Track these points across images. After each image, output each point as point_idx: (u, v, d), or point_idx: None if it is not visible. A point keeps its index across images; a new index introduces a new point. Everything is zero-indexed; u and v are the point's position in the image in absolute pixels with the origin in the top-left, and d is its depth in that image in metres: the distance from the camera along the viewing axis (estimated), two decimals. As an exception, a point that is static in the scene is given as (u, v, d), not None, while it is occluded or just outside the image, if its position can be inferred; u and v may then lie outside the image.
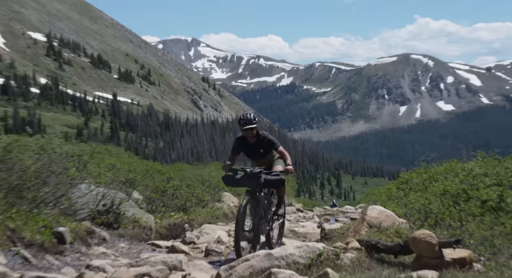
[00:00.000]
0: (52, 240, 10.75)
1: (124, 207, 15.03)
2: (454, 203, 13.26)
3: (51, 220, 11.53)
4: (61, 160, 14.14)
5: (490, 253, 9.12)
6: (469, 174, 15.59)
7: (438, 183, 16.31)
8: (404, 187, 19.55)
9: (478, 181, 14.32)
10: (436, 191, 15.16)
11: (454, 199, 13.58)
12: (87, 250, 11.62)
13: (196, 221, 18.05)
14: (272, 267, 7.68)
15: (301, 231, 16.22)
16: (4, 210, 10.51)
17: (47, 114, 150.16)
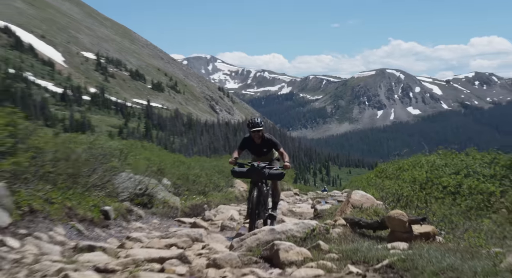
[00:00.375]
0: (100, 216, 11.06)
1: (156, 191, 15.19)
2: (421, 188, 13.30)
3: (99, 201, 11.84)
4: (107, 154, 14.28)
5: (449, 228, 9.30)
6: (432, 165, 15.64)
7: (408, 172, 16.37)
8: (381, 175, 19.75)
9: (440, 171, 14.34)
10: (406, 178, 15.23)
11: (421, 185, 13.61)
12: (127, 224, 11.86)
13: (213, 202, 18.15)
14: (274, 239, 7.71)
15: (298, 211, 16.35)
16: (63, 192, 10.83)
17: (95, 116, 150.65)
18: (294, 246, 7.23)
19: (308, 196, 28.27)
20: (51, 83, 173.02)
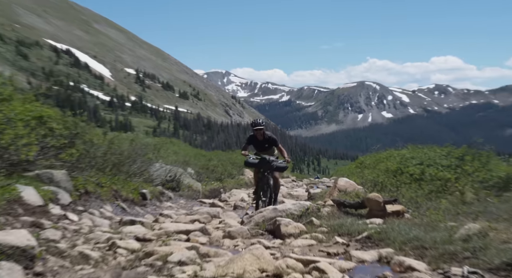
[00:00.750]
0: (139, 197, 11.22)
1: (182, 178, 15.27)
2: (393, 176, 13.29)
3: (138, 185, 11.96)
4: (144, 148, 14.32)
5: (415, 207, 9.23)
6: (402, 157, 15.63)
7: (383, 163, 16.37)
8: (361, 165, 19.72)
9: (408, 162, 14.34)
10: (381, 168, 15.21)
11: (393, 173, 13.60)
12: (160, 204, 11.92)
13: (227, 187, 18.15)
14: (277, 216, 7.68)
15: (295, 194, 16.36)
16: (110, 178, 11.06)
17: (135, 119, 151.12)
18: (292, 222, 7.25)
19: (303, 182, 28.18)
20: (101, 93, 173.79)
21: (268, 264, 4.47)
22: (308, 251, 5.98)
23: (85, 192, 9.27)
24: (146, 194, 11.54)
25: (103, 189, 9.92)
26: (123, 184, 11.24)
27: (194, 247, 5.73)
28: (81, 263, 5.12)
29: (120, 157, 12.68)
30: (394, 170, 14.09)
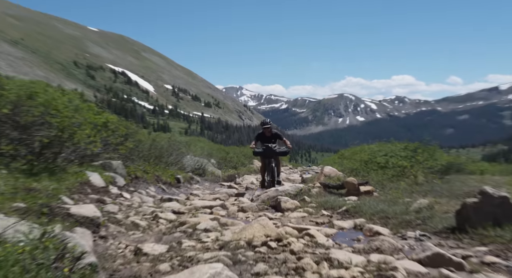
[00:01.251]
0: (174, 181, 10.99)
1: (206, 166, 15.25)
2: (365, 164, 13.24)
3: (174, 172, 11.78)
4: (178, 144, 14.40)
5: (381, 187, 9.10)
6: (372, 150, 15.63)
7: (358, 155, 16.37)
8: (341, 157, 19.63)
9: (376, 154, 14.31)
10: (356, 158, 15.16)
11: (365, 162, 13.57)
12: (190, 186, 11.76)
13: (240, 173, 18.01)
14: (278, 195, 7.63)
15: (292, 178, 16.14)
16: (153, 166, 11.03)
17: (172, 122, 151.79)
18: (290, 199, 7.21)
19: (297, 169, 28.11)
20: (147, 103, 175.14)
21: (271, 231, 4.45)
22: (301, 221, 5.95)
23: (135, 177, 9.30)
24: (180, 178, 11.41)
25: (148, 175, 9.91)
26: (163, 171, 11.17)
27: (216, 218, 5.74)
28: (133, 229, 5.16)
29: (160, 150, 12.75)
30: (366, 160, 14.07)
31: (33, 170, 6.44)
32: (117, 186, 8.03)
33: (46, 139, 6.43)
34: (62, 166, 7.25)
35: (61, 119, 6.59)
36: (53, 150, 7.01)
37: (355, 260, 3.49)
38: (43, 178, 6.16)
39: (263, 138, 11.14)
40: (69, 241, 2.52)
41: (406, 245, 4.35)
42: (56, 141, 6.82)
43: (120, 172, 8.87)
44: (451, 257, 3.53)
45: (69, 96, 9.27)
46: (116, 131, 9.53)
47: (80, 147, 7.76)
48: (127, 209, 6.46)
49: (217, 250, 4.00)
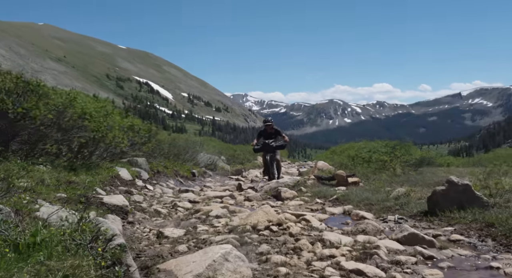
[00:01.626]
0: (190, 175, 10.87)
1: (217, 162, 15.14)
2: (352, 159, 13.16)
3: (189, 167, 11.70)
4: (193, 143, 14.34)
5: (366, 179, 9.04)
6: (358, 147, 15.55)
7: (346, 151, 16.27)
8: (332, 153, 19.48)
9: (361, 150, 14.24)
10: (345, 154, 15.05)
11: (352, 158, 13.50)
12: (203, 179, 11.65)
13: (246, 168, 17.88)
14: (278, 186, 7.56)
15: (290, 172, 15.95)
16: (173, 162, 10.97)
17: (187, 125, 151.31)
18: (288, 190, 7.14)
19: (295, 164, 28.01)
20: (166, 109, 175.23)
21: (273, 217, 4.41)
22: (298, 208, 5.89)
23: (157, 171, 9.26)
24: (195, 172, 11.31)
25: (168, 170, 9.87)
26: (180, 166, 11.07)
27: (225, 206, 5.69)
28: (155, 216, 5.14)
29: (178, 149, 12.68)
30: (353, 155, 14.01)
31: (73, 166, 6.46)
32: (142, 179, 8.03)
33: (83, 139, 6.45)
34: (96, 162, 7.27)
35: (96, 123, 6.61)
36: (89, 149, 7.04)
37: (344, 241, 3.48)
38: (81, 172, 6.18)
39: (265, 134, 10.47)
40: (102, 225, 2.52)
41: (387, 227, 4.34)
42: (91, 141, 6.85)
43: (144, 167, 8.86)
44: (424, 236, 3.55)
45: (101, 103, 9.31)
46: (139, 132, 9.54)
47: (111, 146, 7.77)
48: (150, 199, 6.47)
49: (227, 233, 3.97)
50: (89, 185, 5.57)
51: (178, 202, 6.11)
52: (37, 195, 4.16)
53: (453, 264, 3.00)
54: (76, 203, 4.39)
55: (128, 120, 9.33)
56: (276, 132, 10.40)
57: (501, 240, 3.59)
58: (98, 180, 6.15)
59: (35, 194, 4.14)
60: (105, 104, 9.97)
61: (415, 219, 4.74)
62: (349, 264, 2.82)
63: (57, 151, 6.39)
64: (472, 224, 4.13)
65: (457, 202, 4.52)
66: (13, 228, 2.04)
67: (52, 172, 5.58)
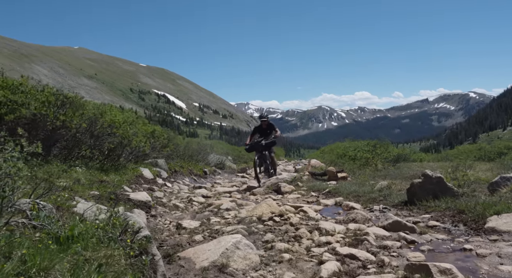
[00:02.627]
0: (202, 173, 10.75)
1: (225, 161, 14.97)
2: (340, 157, 13.05)
3: (202, 166, 11.54)
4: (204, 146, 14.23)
5: (352, 174, 8.89)
6: (345, 147, 15.43)
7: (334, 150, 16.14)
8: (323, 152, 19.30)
9: (348, 149, 14.12)
10: (334, 153, 14.93)
11: (340, 156, 13.39)
12: (214, 177, 11.48)
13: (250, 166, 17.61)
14: (278, 182, 7.48)
15: (287, 169, 15.59)
16: (188, 162, 10.82)
17: (199, 130, 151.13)
18: (287, 185, 7.03)
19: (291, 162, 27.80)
20: (181, 117, 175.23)
21: (275, 209, 4.34)
22: (296, 200, 5.81)
23: (174, 170, 9.14)
24: (207, 171, 11.16)
25: (183, 169, 9.74)
26: (194, 166, 10.92)
27: (234, 200, 5.60)
28: (174, 210, 5.06)
29: (192, 151, 12.55)
30: (340, 153, 13.89)
31: (104, 167, 6.40)
32: (161, 178, 7.94)
33: (112, 144, 6.40)
34: (123, 164, 7.20)
35: (122, 131, 6.56)
36: (117, 152, 6.98)
37: (338, 229, 3.40)
38: (110, 173, 6.12)
39: (261, 130, 9.19)
40: (130, 219, 2.46)
41: (373, 216, 4.25)
42: (119, 146, 6.80)
43: (164, 167, 8.78)
44: (406, 223, 3.47)
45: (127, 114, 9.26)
46: (160, 137, 9.47)
47: (136, 150, 7.72)
48: (169, 195, 6.38)
49: (236, 224, 3.89)
50: (118, 183, 5.51)
51: (193, 197, 6.03)
52: (74, 193, 4.10)
53: (432, 247, 2.94)
54: (107, 199, 4.33)
55: (150, 127, 9.28)
56: (270, 127, 9.19)
57: (471, 225, 3.52)
58: (125, 179, 6.08)
59: (72, 192, 4.08)
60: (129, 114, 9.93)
61: (397, 208, 4.65)
62: (343, 249, 2.75)
63: (91, 155, 6.36)
64: (446, 211, 4.05)
65: (432, 192, 4.45)
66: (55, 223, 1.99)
67: (86, 173, 5.52)
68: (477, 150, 18.44)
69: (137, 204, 4.52)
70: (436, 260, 2.63)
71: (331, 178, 7.84)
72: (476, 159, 15.82)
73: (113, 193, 4.58)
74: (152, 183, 7.05)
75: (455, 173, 7.44)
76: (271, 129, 9.07)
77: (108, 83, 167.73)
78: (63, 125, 5.07)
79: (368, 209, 4.76)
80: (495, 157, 15.58)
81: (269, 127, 9.09)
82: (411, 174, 8.84)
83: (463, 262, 2.58)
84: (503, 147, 17.67)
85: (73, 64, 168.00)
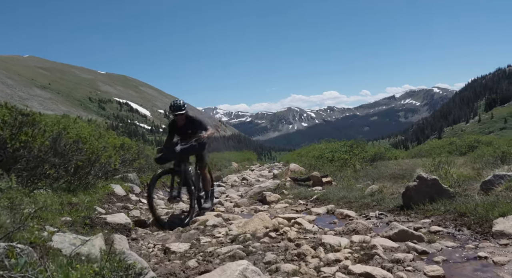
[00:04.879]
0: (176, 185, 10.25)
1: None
2: (317, 159, 13.02)
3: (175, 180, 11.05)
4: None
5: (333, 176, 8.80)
6: (320, 149, 15.44)
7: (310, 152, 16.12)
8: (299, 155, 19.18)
9: (324, 151, 14.14)
10: (310, 155, 14.89)
11: (317, 158, 13.35)
12: None
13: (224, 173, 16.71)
14: (262, 191, 7.21)
15: (264, 174, 15.06)
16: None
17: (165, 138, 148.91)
18: (272, 193, 6.79)
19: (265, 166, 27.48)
20: (146, 125, 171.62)
21: (268, 223, 4.13)
22: (285, 210, 5.60)
23: (146, 184, 8.78)
24: (181, 182, 10.76)
25: (157, 182, 9.40)
26: (167, 178, 10.48)
27: (219, 214, 5.29)
28: (156, 230, 4.75)
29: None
30: (317, 156, 13.85)
31: (71, 187, 5.97)
32: (134, 193, 7.57)
33: (80, 161, 5.99)
34: (92, 182, 6.77)
35: (90, 145, 6.16)
36: (85, 169, 6.55)
37: (343, 243, 3.20)
38: (79, 193, 5.71)
39: (177, 129, 5.71)
40: (128, 259, 2.19)
41: (372, 224, 4.13)
42: (87, 162, 6.38)
43: (136, 182, 8.39)
44: (413, 232, 3.36)
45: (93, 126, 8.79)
46: (129, 150, 9.04)
47: (105, 165, 7.31)
48: (146, 212, 6.01)
49: (230, 243, 3.64)
50: (89, 204, 5.13)
51: (173, 213, 5.72)
52: (44, 221, 3.72)
53: (446, 257, 2.83)
54: (81, 225, 3.97)
55: (119, 140, 8.85)
56: (193, 125, 5.58)
57: (476, 228, 3.47)
58: (96, 199, 5.70)
59: (42, 220, 3.71)
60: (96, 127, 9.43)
61: (393, 213, 4.56)
62: (356, 267, 2.58)
63: (56, 174, 5.92)
64: (446, 214, 4.00)
65: (428, 195, 4.42)
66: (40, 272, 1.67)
67: (52, 196, 5.10)
68: (448, 145, 19.07)
69: (115, 228, 4.19)
70: (454, 272, 2.54)
71: (316, 183, 7.69)
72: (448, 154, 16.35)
73: (87, 217, 4.22)
74: (125, 200, 6.69)
75: (438, 171, 7.56)
76: (195, 127, 5.57)
77: (64, 93, 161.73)
78: (25, 145, 4.65)
79: (364, 216, 4.65)
80: (466, 150, 16.17)
81: (191, 124, 5.57)
82: (389, 173, 8.91)
83: (483, 273, 2.49)
84: (473, 140, 18.36)
85: (23, 74, 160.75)
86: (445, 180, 5.55)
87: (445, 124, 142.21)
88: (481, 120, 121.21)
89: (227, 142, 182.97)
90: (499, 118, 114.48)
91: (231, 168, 20.62)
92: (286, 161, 22.21)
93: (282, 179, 9.21)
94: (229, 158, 23.61)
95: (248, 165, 22.87)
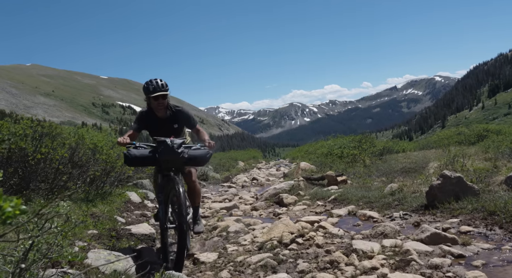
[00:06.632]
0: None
1: (208, 172, 14.36)
2: (326, 156, 12.94)
3: None
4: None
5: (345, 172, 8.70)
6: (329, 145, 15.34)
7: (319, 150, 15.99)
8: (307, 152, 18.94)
9: (333, 147, 14.04)
10: (318, 153, 14.79)
11: (325, 155, 13.27)
12: None
13: (233, 174, 16.87)
14: (277, 193, 7.12)
15: (273, 173, 15.02)
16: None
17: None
18: (289, 195, 6.66)
19: (271, 164, 27.29)
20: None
21: (293, 228, 4.08)
22: (304, 212, 5.52)
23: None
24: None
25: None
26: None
27: (238, 219, 5.22)
28: (178, 238, 4.71)
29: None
30: (325, 153, 13.76)
31: (89, 197, 5.97)
32: (149, 199, 7.54)
33: (97, 172, 5.98)
34: (109, 191, 6.77)
35: (107, 156, 6.14)
36: (101, 179, 6.55)
37: (375, 248, 3.10)
38: (97, 202, 5.71)
39: (153, 123, 3.70)
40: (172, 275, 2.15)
41: (398, 226, 4.03)
42: (103, 172, 6.37)
43: (149, 188, 8.39)
44: (447, 235, 3.25)
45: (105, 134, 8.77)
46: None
47: (119, 173, 7.30)
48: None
49: (257, 251, 3.57)
50: (109, 214, 5.14)
51: (192, 219, 5.67)
52: (72, 235, 3.71)
53: (484, 261, 2.75)
54: (108, 237, 3.96)
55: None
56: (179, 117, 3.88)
57: (509, 227, 3.36)
58: (115, 208, 5.70)
59: (69, 234, 3.69)
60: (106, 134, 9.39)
61: (418, 213, 4.44)
62: (396, 275, 2.51)
63: (74, 186, 5.92)
64: (474, 213, 3.89)
65: (453, 193, 4.34)
66: None
67: (73, 207, 5.10)
68: (457, 135, 18.91)
69: (140, 239, 4.16)
70: (497, 277, 2.48)
71: (331, 183, 7.55)
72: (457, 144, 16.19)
73: (112, 229, 4.20)
74: (142, 207, 6.66)
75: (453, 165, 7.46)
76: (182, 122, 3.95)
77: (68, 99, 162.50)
78: (46, 158, 4.63)
79: (388, 216, 4.54)
80: (475, 140, 16.01)
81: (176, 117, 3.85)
82: (399, 167, 8.80)
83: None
84: (481, 129, 18.19)
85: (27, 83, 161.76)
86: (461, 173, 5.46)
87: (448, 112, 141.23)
88: (484, 107, 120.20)
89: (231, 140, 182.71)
90: (503, 104, 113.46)
91: (238, 167, 20.55)
92: (292, 157, 22.09)
93: (294, 178, 9.07)
94: (235, 157, 23.58)
95: (255, 163, 22.82)
